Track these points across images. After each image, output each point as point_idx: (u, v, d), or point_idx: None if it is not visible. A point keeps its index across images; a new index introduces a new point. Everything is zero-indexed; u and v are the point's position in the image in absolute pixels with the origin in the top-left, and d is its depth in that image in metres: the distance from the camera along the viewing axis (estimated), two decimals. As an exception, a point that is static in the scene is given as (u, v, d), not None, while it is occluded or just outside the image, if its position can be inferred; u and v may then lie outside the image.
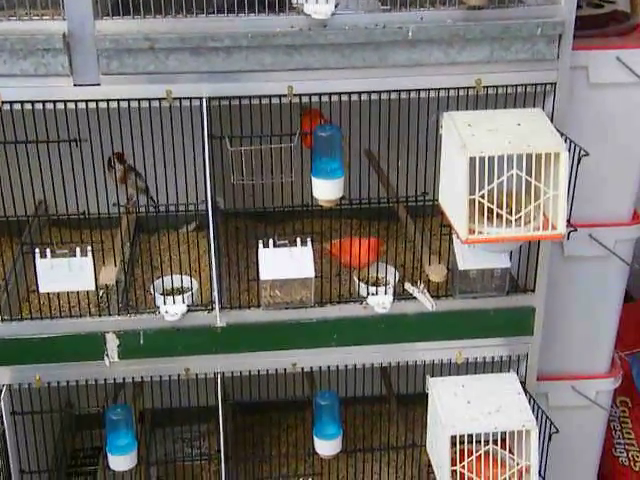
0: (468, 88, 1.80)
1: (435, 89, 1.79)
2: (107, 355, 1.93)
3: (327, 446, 2.04)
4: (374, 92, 1.79)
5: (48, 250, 1.83)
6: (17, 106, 1.70)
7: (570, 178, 1.71)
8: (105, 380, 1.98)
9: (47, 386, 1.95)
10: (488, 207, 1.71)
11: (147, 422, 2.52)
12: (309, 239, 1.90)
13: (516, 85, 1.82)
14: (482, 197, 1.70)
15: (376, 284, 2.00)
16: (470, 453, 1.90)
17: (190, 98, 1.75)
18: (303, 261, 1.88)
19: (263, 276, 1.87)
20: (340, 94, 1.78)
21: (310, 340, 1.98)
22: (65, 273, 1.84)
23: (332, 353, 2.01)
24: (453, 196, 1.75)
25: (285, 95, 1.77)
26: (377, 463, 2.41)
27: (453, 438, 1.88)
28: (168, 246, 2.29)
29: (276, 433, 2.56)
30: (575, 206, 1.77)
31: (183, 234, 2.31)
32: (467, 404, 1.96)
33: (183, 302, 1.93)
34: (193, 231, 2.35)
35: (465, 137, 1.71)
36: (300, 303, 1.91)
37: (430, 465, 2.08)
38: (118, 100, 1.73)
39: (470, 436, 1.88)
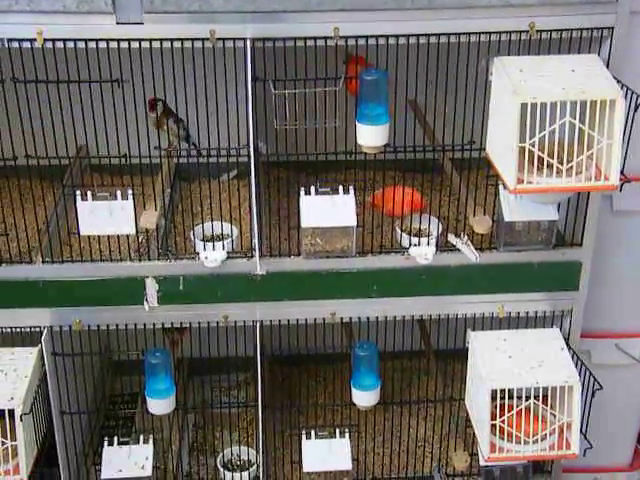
0: (521, 32, 1.73)
1: (486, 33, 1.72)
2: (147, 300, 1.93)
3: (365, 397, 2.02)
4: (422, 35, 1.73)
5: (89, 193, 1.82)
6: (59, 44, 1.68)
7: (625, 127, 1.64)
8: (144, 325, 1.99)
9: (87, 330, 1.97)
10: (538, 156, 1.65)
11: (184, 370, 2.54)
12: (351, 187, 1.87)
13: (571, 29, 1.74)
14: (532, 145, 1.64)
15: (418, 235, 1.96)
16: (510, 408, 1.87)
17: (234, 39, 1.71)
18: (345, 209, 1.85)
19: (304, 224, 1.84)
20: (387, 37, 1.72)
21: (350, 290, 1.96)
22: (106, 216, 1.83)
23: (371, 304, 1.99)
24: (502, 144, 1.70)
25: (331, 37, 1.71)
26: (413, 417, 2.40)
27: (493, 392, 1.85)
28: (208, 194, 2.26)
29: (312, 384, 2.56)
30: (628, 157, 1.71)
31: (223, 182, 2.29)
32: (508, 358, 1.92)
33: (223, 249, 1.91)
34: (233, 179, 2.33)
35: (516, 83, 1.64)
36: (341, 252, 1.88)
37: (468, 419, 2.07)
38: (161, 40, 1.70)
39: (510, 391, 1.85)
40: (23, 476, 1.85)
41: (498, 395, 1.85)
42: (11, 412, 1.80)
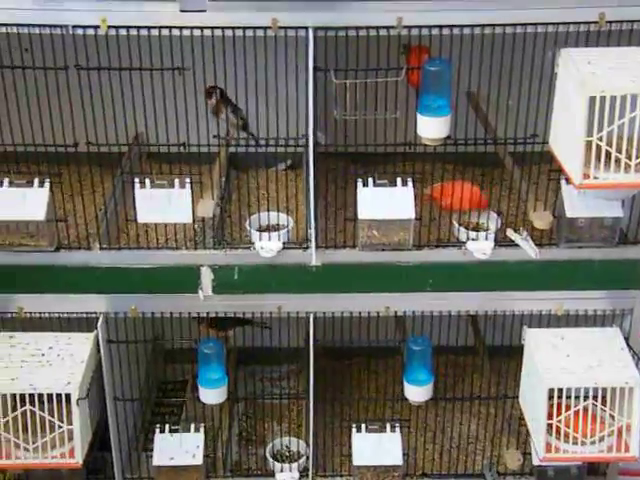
0: (590, 23, 1.69)
1: (555, 24, 1.68)
2: (201, 289, 1.93)
3: (417, 392, 2.00)
4: (489, 25, 1.69)
5: (147, 180, 1.82)
6: (122, 32, 1.68)
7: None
8: (198, 314, 1.99)
9: (141, 317, 1.97)
10: (606, 151, 1.61)
11: (232, 360, 2.54)
12: (410, 180, 1.84)
13: (642, 21, 1.69)
14: (600, 140, 1.60)
15: (476, 229, 1.93)
16: (567, 408, 1.83)
17: (296, 28, 1.70)
18: (403, 202, 1.82)
19: (361, 215, 1.82)
20: (451, 27, 1.69)
21: (405, 284, 1.94)
22: (163, 204, 1.83)
23: (426, 298, 1.96)
24: (567, 138, 1.66)
25: (394, 27, 1.69)
26: (463, 413, 2.37)
27: (550, 391, 1.81)
28: (261, 183, 2.26)
29: (360, 378, 2.55)
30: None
31: (276, 172, 2.29)
32: (566, 357, 1.89)
33: (279, 239, 1.90)
34: (286, 169, 2.33)
35: (585, 75, 1.60)
36: (398, 245, 1.86)
37: (521, 418, 2.03)
38: (223, 28, 1.69)
39: (568, 390, 1.81)
40: (78, 460, 1.87)
41: (555, 394, 1.81)
42: (67, 396, 1.82)
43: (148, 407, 2.44)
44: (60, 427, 1.84)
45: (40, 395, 1.81)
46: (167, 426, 2.07)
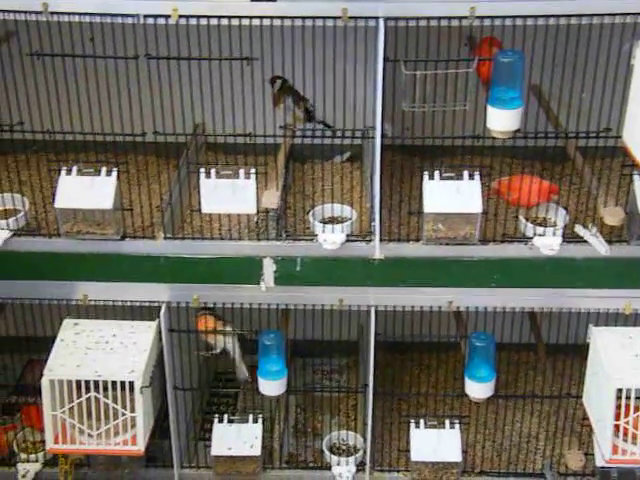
0: (669, 12, 1.64)
1: (633, 14, 1.63)
2: (263, 280, 1.93)
3: (479, 389, 1.97)
4: (563, 16, 1.65)
5: (213, 170, 1.82)
6: (192, 21, 1.68)
7: None
8: (259, 305, 1.99)
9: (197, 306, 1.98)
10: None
11: (287, 351, 2.54)
12: (477, 173, 1.81)
13: None
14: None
15: (544, 225, 1.89)
16: (636, 409, 1.79)
17: (366, 18, 1.68)
18: (470, 196, 1.79)
19: (427, 209, 1.80)
20: (525, 17, 1.66)
21: (469, 279, 1.91)
22: (228, 195, 1.83)
23: (490, 294, 1.93)
24: (644, 132, 1.61)
25: (466, 17, 1.66)
26: (520, 411, 2.34)
27: (618, 392, 1.77)
28: (320, 175, 2.25)
29: (415, 372, 2.53)
30: None
31: (336, 164, 2.27)
32: (635, 357, 1.84)
33: (342, 231, 1.89)
34: (344, 161, 2.31)
35: (664, 67, 1.56)
36: (463, 239, 1.83)
37: (585, 418, 1.99)
38: (292, 18, 1.68)
39: (637, 391, 1.77)
40: (140, 447, 1.89)
41: (623, 395, 1.77)
42: (131, 384, 1.83)
43: (203, 397, 2.45)
44: (123, 414, 1.85)
45: (104, 382, 1.83)
46: (225, 416, 2.07)
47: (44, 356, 2.46)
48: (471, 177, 1.81)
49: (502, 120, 1.70)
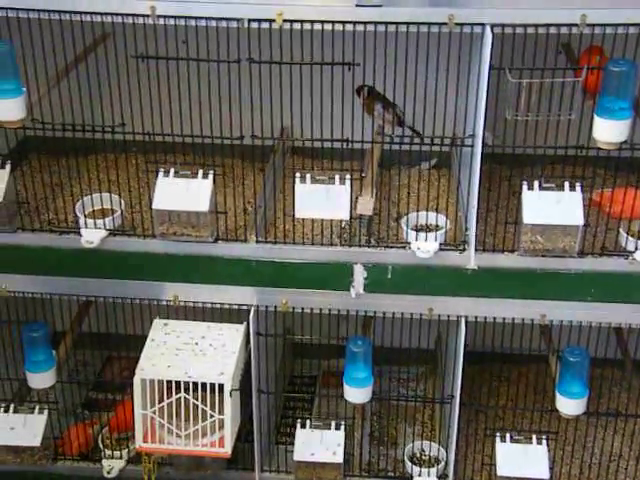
0: None
1: None
2: (353, 286, 1.92)
3: (570, 405, 1.93)
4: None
5: (308, 176, 1.82)
6: (296, 26, 1.68)
7: None
8: (347, 311, 1.98)
9: (292, 311, 1.97)
10: None
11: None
12: (578, 184, 1.77)
13: None
14: None
15: (645, 239, 1.84)
16: None
17: (472, 24, 1.65)
18: (571, 207, 1.75)
19: (527, 220, 1.77)
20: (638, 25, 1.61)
21: (565, 292, 1.87)
22: (322, 200, 1.82)
23: (585, 308, 1.88)
24: None
25: (576, 24, 1.62)
26: (603, 429, 2.28)
27: None
28: (406, 182, 2.23)
29: (494, 384, 2.49)
30: None
31: (422, 171, 2.25)
32: None
33: (435, 240, 1.87)
34: (432, 168, 2.29)
35: None
36: (562, 252, 1.79)
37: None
38: (397, 23, 1.66)
39: None
40: (227, 449, 1.89)
41: None
42: (220, 386, 1.83)
43: (279, 401, 2.45)
44: (212, 416, 1.86)
45: (194, 383, 1.84)
46: (308, 422, 2.07)
47: (123, 353, 2.52)
48: (572, 188, 1.77)
49: (610, 131, 1.66)
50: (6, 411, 2.06)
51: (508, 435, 2.02)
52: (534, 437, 2.00)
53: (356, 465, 2.18)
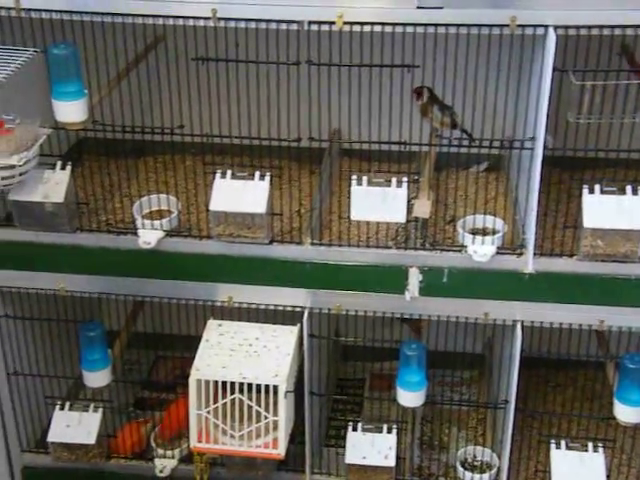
0: None
1: None
2: (408, 290, 1.91)
3: (630, 412, 1.89)
4: None
5: (365, 178, 1.81)
6: (356, 28, 1.67)
7: None
8: (401, 314, 1.97)
9: (346, 314, 1.97)
10: None
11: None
12: (640, 188, 1.74)
13: None
14: None
15: None
16: None
17: (534, 26, 1.63)
18: (632, 212, 1.73)
19: (587, 224, 1.74)
20: None
21: (625, 298, 1.83)
22: (378, 203, 1.82)
23: (645, 314, 1.85)
24: None
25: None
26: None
27: None
28: (459, 185, 2.21)
29: (545, 390, 2.46)
30: None
31: (473, 173, 2.23)
32: None
33: (492, 244, 1.85)
34: (483, 171, 2.27)
35: None
36: (623, 257, 1.76)
37: None
38: (458, 25, 1.65)
39: None
40: (281, 451, 1.89)
41: None
42: (274, 388, 1.83)
43: (328, 403, 2.45)
44: (266, 417, 1.86)
45: (247, 384, 1.84)
46: (360, 425, 2.06)
47: (171, 353, 2.54)
48: (634, 192, 1.74)
49: (674, 134, 1.63)
50: (62, 409, 2.09)
51: (563, 442, 1.99)
52: (590, 445, 1.97)
53: (406, 469, 2.17)
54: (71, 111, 1.71)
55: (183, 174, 2.07)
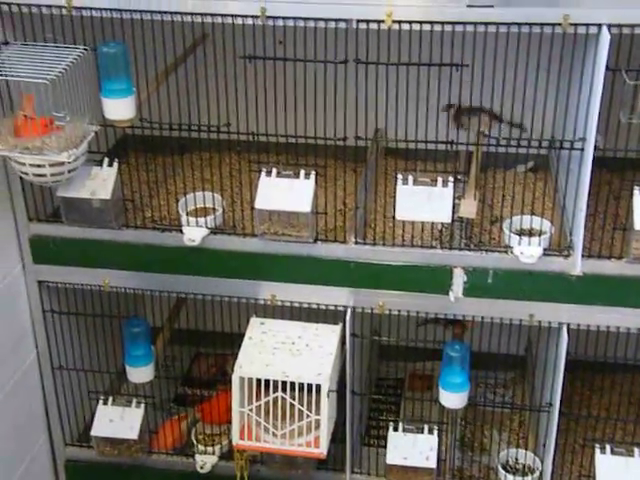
0: None
1: None
2: (452, 290, 1.89)
3: (678, 418, 1.86)
4: None
5: (410, 177, 1.80)
6: (405, 26, 1.66)
7: None
8: (445, 315, 1.95)
9: (388, 314, 1.96)
10: None
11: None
12: (694, 190, 1.71)
13: None
14: None
15: None
16: None
17: (588, 25, 1.61)
18: (685, 214, 1.69)
19: (637, 226, 1.71)
20: None
21: (675, 301, 1.81)
22: (424, 202, 1.80)
23: (697, 318, 1.82)
24: None
25: (699, 24, 1.56)
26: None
27: None
28: (502, 185, 2.19)
29: (587, 393, 2.43)
30: None
31: (518, 173, 2.21)
32: None
33: (539, 245, 1.82)
34: (528, 171, 2.24)
35: None
36: (674, 260, 1.73)
37: None
38: (509, 24, 1.63)
39: None
40: (322, 450, 1.89)
41: None
42: (317, 387, 1.83)
43: (367, 403, 2.44)
44: (308, 416, 1.86)
45: (291, 383, 1.84)
46: (401, 424, 2.05)
47: (211, 350, 2.55)
48: (687, 194, 1.71)
49: None
50: (105, 403, 2.11)
51: (608, 447, 1.96)
52: (636, 450, 1.94)
53: (446, 470, 2.15)
54: (120, 108, 1.72)
55: (227, 171, 2.07)
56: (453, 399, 1.97)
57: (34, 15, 1.76)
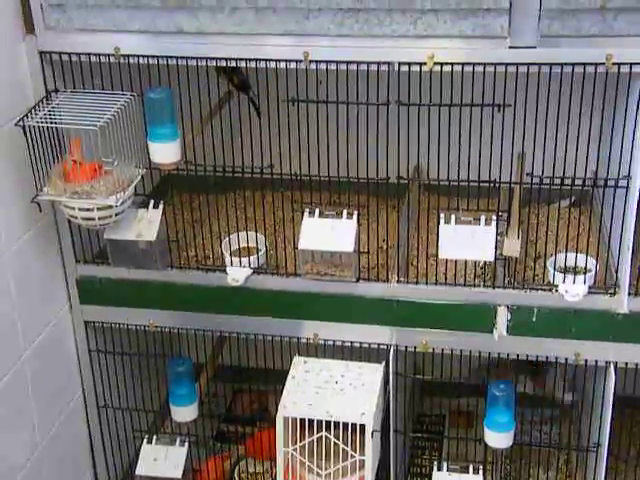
0: None
1: None
2: (496, 328, 1.88)
3: None
4: None
5: (453, 216, 1.80)
6: (446, 68, 1.68)
7: None
8: (489, 354, 1.94)
9: (432, 352, 1.95)
10: None
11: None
12: None
13: None
14: None
15: None
16: None
17: (631, 63, 1.61)
18: None
19: (685, 264, 1.69)
20: None
21: None
22: (467, 240, 1.80)
23: None
24: None
25: None
26: None
27: None
28: (542, 220, 2.17)
29: (634, 430, 2.38)
30: None
31: (556, 209, 2.20)
32: None
33: (584, 282, 1.81)
34: (568, 207, 2.23)
35: None
36: None
37: None
38: (551, 64, 1.63)
39: None
40: (367, 490, 1.88)
41: None
42: (361, 427, 1.82)
43: (408, 440, 2.42)
44: (352, 456, 1.85)
45: (335, 422, 1.84)
46: (445, 464, 2.03)
47: (251, 386, 2.55)
48: None
49: None
50: (149, 442, 2.12)
51: (658, 488, 1.92)
52: (686, 492, 1.90)
53: (491, 512, 2.13)
54: (166, 152, 1.76)
55: (269, 210, 2.09)
56: (499, 439, 1.95)
57: (83, 63, 1.81)
